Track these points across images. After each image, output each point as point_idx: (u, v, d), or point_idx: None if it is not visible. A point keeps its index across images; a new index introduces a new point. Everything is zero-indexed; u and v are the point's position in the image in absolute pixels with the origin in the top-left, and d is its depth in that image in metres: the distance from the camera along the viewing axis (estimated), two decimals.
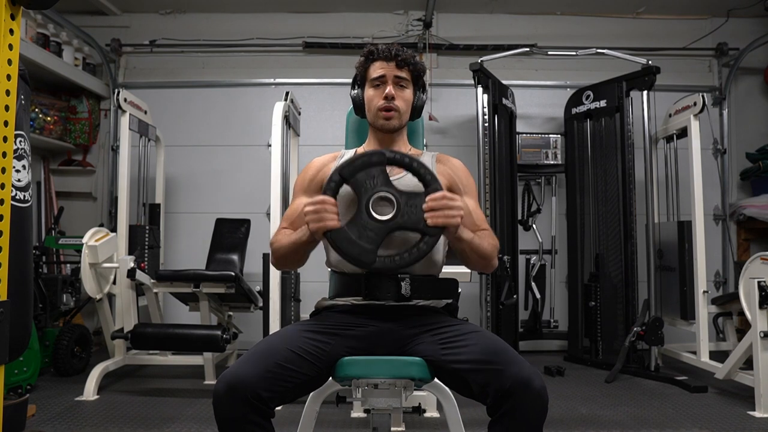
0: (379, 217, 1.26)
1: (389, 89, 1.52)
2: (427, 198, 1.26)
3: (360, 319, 1.40)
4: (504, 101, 3.61)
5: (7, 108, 1.02)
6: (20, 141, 1.44)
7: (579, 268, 3.85)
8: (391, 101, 1.52)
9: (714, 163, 4.27)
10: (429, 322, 1.39)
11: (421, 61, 1.63)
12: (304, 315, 2.78)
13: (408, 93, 1.56)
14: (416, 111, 1.62)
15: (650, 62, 3.46)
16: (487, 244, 1.41)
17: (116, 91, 3.32)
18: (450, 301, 1.51)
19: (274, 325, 2.71)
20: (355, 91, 1.61)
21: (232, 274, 3.02)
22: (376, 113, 1.54)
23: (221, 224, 3.80)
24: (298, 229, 1.40)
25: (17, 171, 1.40)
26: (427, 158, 1.58)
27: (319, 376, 1.31)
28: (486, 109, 3.42)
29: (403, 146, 1.61)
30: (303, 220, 1.30)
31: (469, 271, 2.53)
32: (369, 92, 1.56)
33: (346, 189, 1.32)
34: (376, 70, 1.54)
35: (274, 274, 2.78)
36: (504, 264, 3.36)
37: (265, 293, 2.91)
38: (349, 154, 1.60)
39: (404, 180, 1.38)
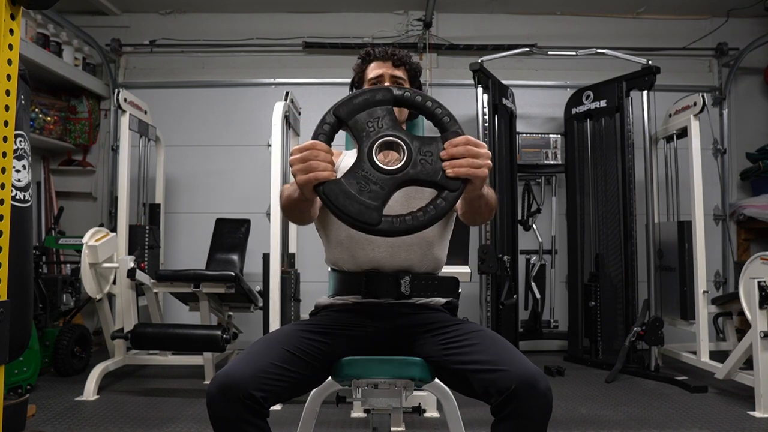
0: (384, 167, 1.02)
1: (387, 84, 1.51)
2: (446, 144, 1.04)
3: (359, 318, 1.39)
4: (504, 101, 3.61)
5: (7, 108, 1.02)
6: (20, 141, 1.44)
7: (579, 268, 3.84)
8: None
9: (714, 163, 4.27)
10: (430, 322, 1.38)
11: (417, 61, 1.63)
12: (304, 315, 2.77)
13: None
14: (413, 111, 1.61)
15: (650, 62, 3.46)
16: (494, 193, 1.35)
17: (116, 91, 3.32)
18: (450, 299, 1.50)
19: (274, 325, 2.70)
20: None
21: (232, 274, 3.02)
22: None
23: (221, 224, 3.80)
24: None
25: (17, 171, 1.40)
26: None
27: (315, 376, 1.31)
28: (486, 109, 3.42)
29: None
30: None
31: (469, 270, 2.54)
32: None
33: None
34: (373, 70, 1.54)
35: (274, 274, 2.78)
36: (504, 264, 3.36)
37: (265, 293, 2.91)
38: (350, 154, 1.59)
39: None
